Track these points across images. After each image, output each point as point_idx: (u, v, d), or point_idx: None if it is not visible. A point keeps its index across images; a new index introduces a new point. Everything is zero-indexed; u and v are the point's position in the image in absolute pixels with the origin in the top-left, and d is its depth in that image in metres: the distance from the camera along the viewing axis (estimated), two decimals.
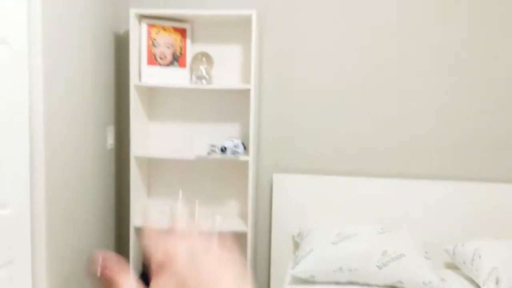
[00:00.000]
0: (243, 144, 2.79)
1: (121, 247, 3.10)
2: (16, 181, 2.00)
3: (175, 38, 2.87)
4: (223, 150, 2.68)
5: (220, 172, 3.01)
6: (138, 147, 2.83)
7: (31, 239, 2.13)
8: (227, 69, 2.95)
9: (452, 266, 2.79)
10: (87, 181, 2.60)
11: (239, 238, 3.04)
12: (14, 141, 1.99)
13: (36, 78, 2.09)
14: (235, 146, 2.71)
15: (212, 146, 2.70)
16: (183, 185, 3.04)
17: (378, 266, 2.41)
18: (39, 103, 2.10)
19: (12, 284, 1.99)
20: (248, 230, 2.74)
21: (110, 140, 2.89)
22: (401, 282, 2.40)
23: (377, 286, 2.46)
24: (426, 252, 2.54)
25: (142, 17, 2.80)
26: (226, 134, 2.99)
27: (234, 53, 2.93)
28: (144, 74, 2.80)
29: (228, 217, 2.98)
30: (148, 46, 2.80)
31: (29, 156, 2.09)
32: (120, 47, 2.99)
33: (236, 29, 2.92)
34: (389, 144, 2.92)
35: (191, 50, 2.93)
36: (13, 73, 1.96)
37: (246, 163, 2.97)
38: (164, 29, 2.83)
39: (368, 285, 2.46)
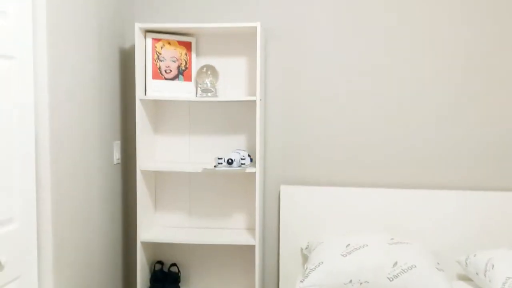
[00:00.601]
0: (249, 156, 2.77)
1: (128, 261, 3.08)
2: (22, 195, 1.99)
3: (180, 51, 2.87)
4: (230, 162, 2.67)
5: (227, 185, 2.99)
6: (145, 161, 2.82)
7: (37, 254, 2.10)
8: (232, 81, 2.95)
9: (464, 278, 2.74)
10: (94, 196, 2.59)
11: (247, 251, 3.00)
12: (20, 156, 1.98)
13: (42, 93, 2.09)
14: (241, 158, 2.69)
15: (219, 158, 2.69)
16: (190, 198, 3.02)
17: (389, 278, 2.37)
18: (45, 118, 2.10)
19: None
20: (256, 243, 2.71)
21: (117, 155, 2.89)
22: None
23: None
24: (438, 263, 2.50)
25: (147, 31, 2.81)
26: (233, 146, 2.97)
27: (239, 65, 2.93)
28: (150, 88, 2.80)
29: (236, 230, 2.96)
30: (153, 60, 2.81)
31: (35, 171, 2.08)
32: (126, 61, 3.00)
33: (241, 42, 2.92)
34: (398, 154, 2.89)
35: (196, 63, 2.93)
36: (19, 88, 1.96)
37: (253, 175, 2.95)
38: (169, 43, 2.84)
39: None
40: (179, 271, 3.02)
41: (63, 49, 2.24)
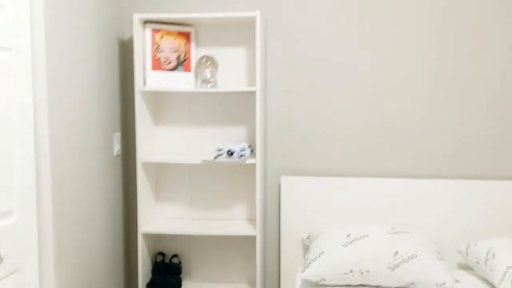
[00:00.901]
0: (250, 147, 2.76)
1: (129, 253, 3.08)
2: (22, 188, 1.99)
3: (180, 42, 2.86)
4: (230, 153, 2.66)
5: (228, 176, 2.99)
6: (145, 153, 2.82)
7: (38, 247, 2.11)
8: (232, 72, 2.93)
9: (465, 267, 2.74)
10: (94, 188, 2.59)
11: (248, 242, 3.01)
12: (20, 149, 1.97)
13: (40, 85, 2.08)
14: (241, 150, 2.68)
15: (219, 150, 2.68)
16: (190, 190, 3.02)
17: (389, 268, 2.37)
18: (43, 111, 2.09)
19: None
20: (257, 233, 2.71)
21: (117, 147, 2.88)
22: (413, 284, 2.36)
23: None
24: (439, 253, 2.50)
25: (146, 22, 2.79)
26: (233, 138, 2.96)
27: (239, 55, 2.91)
28: (149, 79, 2.79)
29: (237, 221, 2.96)
30: (153, 51, 2.80)
31: (35, 164, 2.08)
32: (125, 52, 2.99)
33: (240, 32, 2.90)
34: (399, 144, 2.88)
35: (195, 54, 2.91)
36: (17, 80, 1.96)
37: (253, 166, 2.94)
38: (168, 33, 2.82)
39: (380, 287, 2.42)
40: (180, 262, 3.03)
41: (61, 40, 2.23)
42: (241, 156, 2.69)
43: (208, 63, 2.82)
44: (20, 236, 1.98)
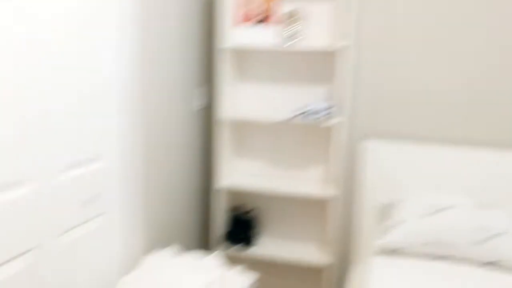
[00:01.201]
0: (333, 107, 2.69)
1: (207, 205, 3.16)
2: (109, 135, 2.06)
3: None
4: (311, 113, 2.60)
5: (307, 136, 2.94)
6: (226, 109, 2.82)
7: (125, 192, 2.19)
8: (319, 28, 2.82)
9: None
10: (177, 139, 2.64)
11: (322, 204, 2.98)
12: (108, 99, 2.03)
13: (128, 39, 2.09)
14: (325, 109, 2.62)
15: (301, 108, 2.63)
16: (269, 148, 3.01)
17: (474, 243, 2.26)
18: (135, 64, 2.12)
19: (104, 235, 2.08)
20: (335, 196, 2.67)
21: (199, 102, 2.91)
22: (499, 261, 2.24)
23: (472, 263, 2.31)
24: None
25: None
26: (317, 96, 2.89)
27: (328, 10, 2.79)
28: (233, 35, 2.75)
29: (312, 182, 2.93)
30: (237, 6, 2.74)
31: (126, 113, 2.12)
32: (210, 7, 2.96)
33: None
34: (493, 111, 2.68)
35: (281, 8, 2.83)
36: (104, 32, 1.99)
37: (334, 127, 2.87)
38: None
39: (461, 261, 2.32)
40: (255, 217, 3.07)
41: None
42: (322, 116, 2.62)
43: (294, 18, 2.74)
44: (106, 180, 2.06)
